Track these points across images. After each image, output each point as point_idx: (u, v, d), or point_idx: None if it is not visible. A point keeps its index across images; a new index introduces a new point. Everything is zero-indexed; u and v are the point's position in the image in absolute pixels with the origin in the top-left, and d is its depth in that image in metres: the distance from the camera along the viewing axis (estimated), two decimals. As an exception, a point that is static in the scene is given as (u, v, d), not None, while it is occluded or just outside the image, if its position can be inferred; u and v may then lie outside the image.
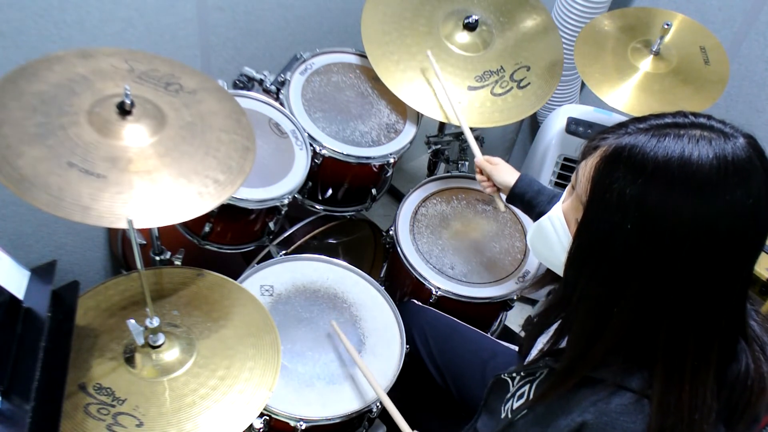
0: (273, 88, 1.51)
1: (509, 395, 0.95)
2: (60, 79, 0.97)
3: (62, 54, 1.01)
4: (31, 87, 0.95)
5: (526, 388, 0.91)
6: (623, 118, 0.77)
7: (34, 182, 0.85)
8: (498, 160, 1.34)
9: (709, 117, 0.72)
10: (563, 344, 0.86)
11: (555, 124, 1.85)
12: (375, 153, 1.47)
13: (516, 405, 0.91)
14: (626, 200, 0.69)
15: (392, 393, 1.17)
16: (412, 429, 1.04)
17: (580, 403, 0.77)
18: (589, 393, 0.77)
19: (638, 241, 0.70)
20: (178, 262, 1.26)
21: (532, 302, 2.11)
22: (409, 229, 1.50)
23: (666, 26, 1.47)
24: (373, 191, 1.58)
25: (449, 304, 1.40)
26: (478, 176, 1.37)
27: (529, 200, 1.26)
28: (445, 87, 1.41)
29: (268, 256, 1.50)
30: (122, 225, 0.85)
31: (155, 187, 0.92)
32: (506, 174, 1.30)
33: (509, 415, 0.91)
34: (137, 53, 1.09)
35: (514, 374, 0.97)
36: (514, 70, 1.54)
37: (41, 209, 0.84)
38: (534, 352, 1.02)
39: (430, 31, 1.54)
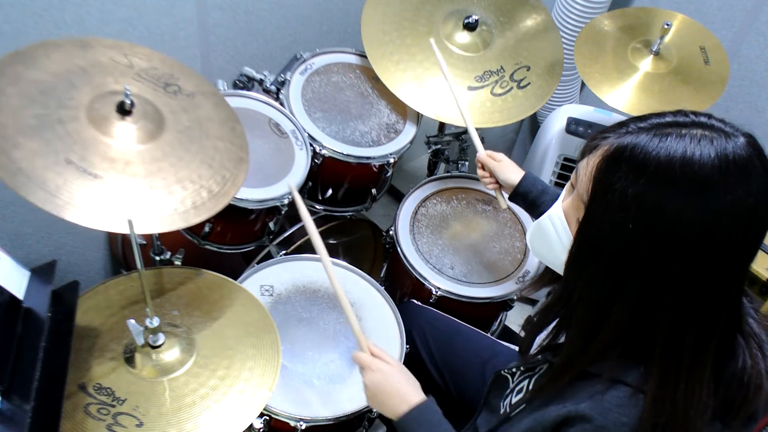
0: (273, 88, 1.51)
1: (508, 391, 0.95)
2: (59, 70, 0.96)
3: (61, 42, 1.00)
4: (28, 74, 0.93)
5: (525, 382, 0.91)
6: (623, 118, 0.78)
7: (31, 176, 0.84)
8: (502, 156, 1.33)
9: (710, 116, 0.72)
10: (562, 339, 0.87)
11: (555, 124, 1.85)
12: (375, 153, 1.47)
13: (515, 400, 0.91)
14: (628, 200, 0.69)
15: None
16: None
17: (576, 396, 0.77)
18: (585, 386, 0.77)
19: (639, 240, 0.70)
20: (178, 262, 1.26)
21: (532, 302, 2.11)
22: (409, 229, 1.50)
23: (666, 26, 1.47)
24: (373, 191, 1.58)
25: (449, 304, 1.40)
26: (480, 172, 1.35)
27: (533, 199, 1.26)
28: (448, 76, 1.39)
29: (268, 256, 1.50)
30: (115, 228, 0.85)
31: (150, 193, 0.91)
32: (510, 171, 1.29)
33: (508, 410, 0.92)
34: (136, 47, 1.08)
35: (514, 369, 0.97)
36: (514, 70, 1.54)
37: (36, 205, 0.83)
38: (533, 349, 1.02)
39: (430, 31, 1.54)
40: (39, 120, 0.89)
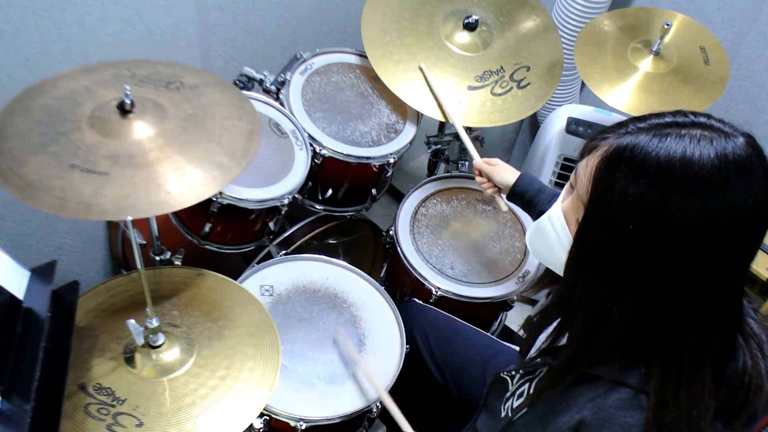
0: (273, 88, 1.51)
1: (509, 394, 0.95)
2: (64, 93, 0.99)
3: (69, 72, 1.03)
4: (35, 103, 0.96)
5: (526, 386, 0.91)
6: (623, 118, 0.78)
7: (39, 187, 0.86)
8: (497, 161, 1.34)
9: (709, 116, 0.72)
10: (562, 342, 0.86)
11: (555, 124, 1.85)
12: (375, 153, 1.47)
13: (516, 404, 0.91)
14: (628, 200, 0.69)
15: (392, 393, 1.18)
16: (414, 430, 1.04)
17: (578, 400, 0.77)
18: (587, 389, 0.77)
19: (640, 241, 0.70)
20: (178, 262, 1.26)
21: (532, 302, 2.11)
22: (409, 229, 1.50)
23: (666, 26, 1.47)
24: (373, 191, 1.58)
25: (449, 304, 1.40)
26: (478, 178, 1.37)
27: (529, 199, 1.27)
28: (440, 97, 1.41)
29: (268, 256, 1.50)
30: (122, 218, 0.86)
31: (156, 178, 0.92)
32: (506, 174, 1.30)
33: (509, 414, 0.92)
34: (139, 62, 1.09)
35: (514, 372, 0.97)
36: (514, 70, 1.54)
37: (46, 212, 0.84)
38: (533, 352, 1.02)
39: (430, 31, 1.54)
40: (44, 137, 0.92)
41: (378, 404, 1.19)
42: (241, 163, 0.99)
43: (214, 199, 1.25)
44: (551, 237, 0.86)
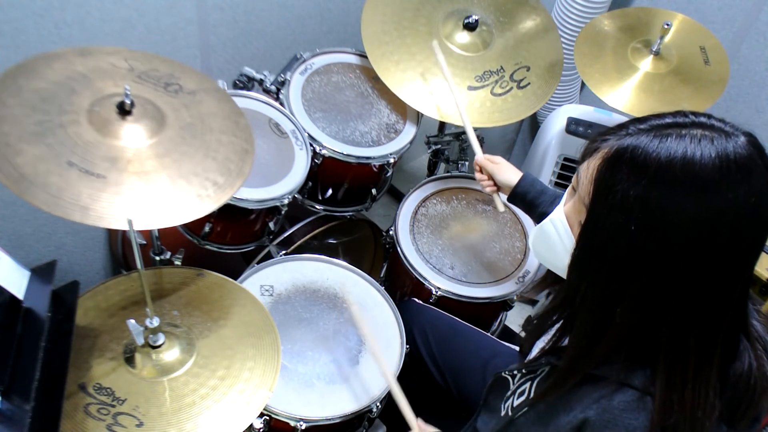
0: (273, 88, 1.51)
1: (509, 393, 0.95)
2: (59, 78, 0.97)
3: (61, 52, 1.01)
4: (29, 84, 0.94)
5: (527, 385, 0.91)
6: (623, 118, 0.78)
7: (34, 181, 0.85)
8: (500, 159, 1.33)
9: (709, 116, 0.72)
10: (565, 342, 0.86)
11: (555, 124, 1.85)
12: (375, 153, 1.47)
13: (516, 402, 0.91)
14: (630, 201, 0.69)
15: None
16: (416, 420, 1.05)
17: (582, 400, 0.77)
18: (591, 390, 0.77)
19: (642, 241, 0.70)
20: (178, 262, 1.26)
21: (532, 302, 2.11)
22: (409, 229, 1.50)
23: (666, 26, 1.47)
24: (373, 191, 1.58)
25: (449, 304, 1.40)
26: (478, 175, 1.35)
27: (531, 200, 1.26)
28: (449, 79, 1.39)
29: (268, 256, 1.50)
30: (121, 226, 0.85)
31: (155, 189, 0.92)
32: (508, 173, 1.29)
33: (509, 413, 0.92)
34: (137, 53, 1.09)
35: (515, 372, 0.97)
36: (514, 70, 1.54)
37: (40, 208, 0.83)
38: (534, 351, 1.02)
39: (430, 31, 1.54)
40: (40, 126, 0.90)
41: (378, 404, 1.19)
42: (235, 183, 0.99)
43: (214, 199, 1.25)
44: (554, 240, 0.86)
